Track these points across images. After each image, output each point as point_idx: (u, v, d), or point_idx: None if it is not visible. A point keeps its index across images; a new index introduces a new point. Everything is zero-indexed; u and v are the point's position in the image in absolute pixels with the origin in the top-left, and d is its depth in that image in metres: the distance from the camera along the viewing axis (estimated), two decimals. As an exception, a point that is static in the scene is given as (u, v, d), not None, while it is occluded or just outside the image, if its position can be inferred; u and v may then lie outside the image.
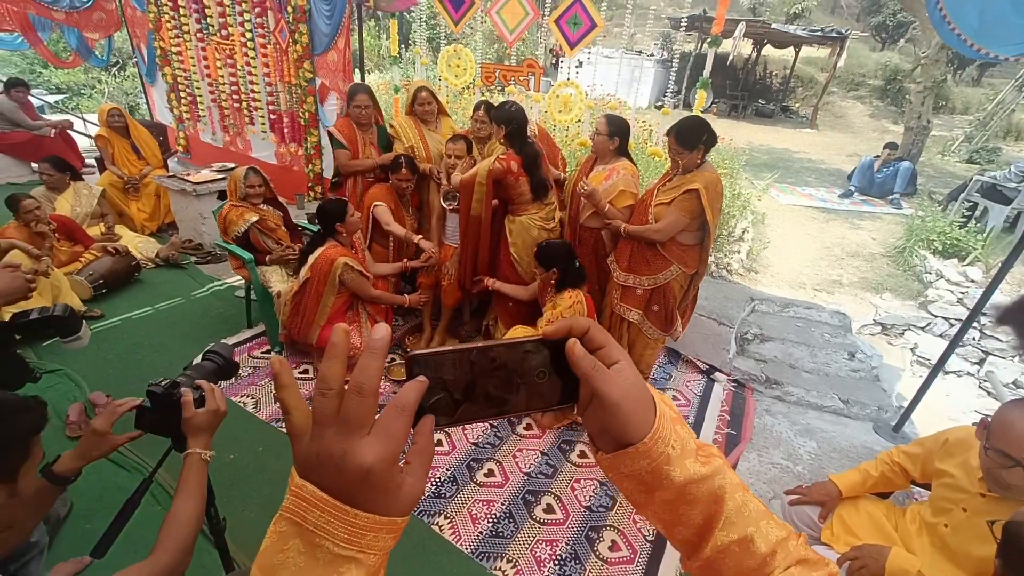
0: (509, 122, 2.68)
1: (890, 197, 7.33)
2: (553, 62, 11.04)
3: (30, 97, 5.58)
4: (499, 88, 4.25)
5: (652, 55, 15.20)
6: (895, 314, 4.33)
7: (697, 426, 2.86)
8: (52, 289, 3.05)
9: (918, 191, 7.45)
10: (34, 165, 5.53)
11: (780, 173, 8.06)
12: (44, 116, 6.05)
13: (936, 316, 4.31)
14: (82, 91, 11.02)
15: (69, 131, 5.71)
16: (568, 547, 2.05)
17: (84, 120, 7.09)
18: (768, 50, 16.33)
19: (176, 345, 3.07)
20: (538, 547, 2.04)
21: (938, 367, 2.80)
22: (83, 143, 6.27)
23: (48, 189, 3.82)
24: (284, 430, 1.76)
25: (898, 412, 3.00)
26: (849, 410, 3.12)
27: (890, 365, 3.77)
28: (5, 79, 5.63)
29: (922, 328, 4.23)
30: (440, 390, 0.37)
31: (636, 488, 0.42)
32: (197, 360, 1.24)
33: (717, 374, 3.27)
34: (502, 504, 2.22)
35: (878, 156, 7.59)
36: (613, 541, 2.10)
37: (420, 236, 3.16)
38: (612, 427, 0.40)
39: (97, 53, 6.21)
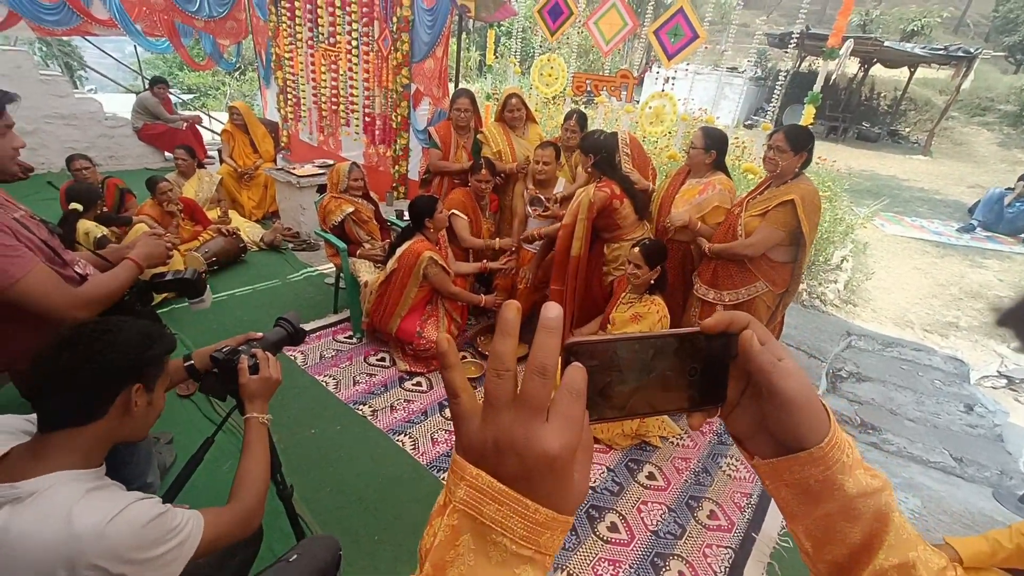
0: (598, 151, 2.62)
1: (1023, 235, 6.47)
2: (640, 77, 10.90)
3: (168, 94, 6.34)
4: (588, 98, 4.24)
5: (744, 72, 14.59)
6: (1025, 367, 3.79)
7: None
8: (173, 263, 3.41)
9: (1059, 230, 6.53)
10: (167, 153, 6.27)
11: (887, 201, 7.37)
12: (179, 112, 6.83)
13: (1078, 374, 3.72)
14: (208, 92, 12.38)
15: (197, 125, 6.41)
16: (632, 570, 1.95)
17: (210, 117, 7.94)
18: (877, 69, 15.10)
19: (269, 322, 3.31)
20: (600, 565, 1.96)
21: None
22: (207, 137, 7.01)
23: (179, 174, 4.30)
24: (361, 412, 1.85)
25: (1027, 479, 2.61)
26: (963, 470, 2.75)
27: (1017, 424, 3.29)
28: (150, 77, 6.44)
29: (1061, 386, 3.66)
30: (593, 382, 0.34)
31: (797, 498, 0.38)
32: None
33: (805, 410, 3.01)
34: (565, 515, 2.16)
35: (1011, 189, 6.74)
36: (680, 572, 1.97)
37: (498, 239, 3.21)
38: (783, 428, 0.37)
39: (226, 58, 6.94)
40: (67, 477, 0.86)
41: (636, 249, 2.37)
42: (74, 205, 3.00)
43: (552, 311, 0.31)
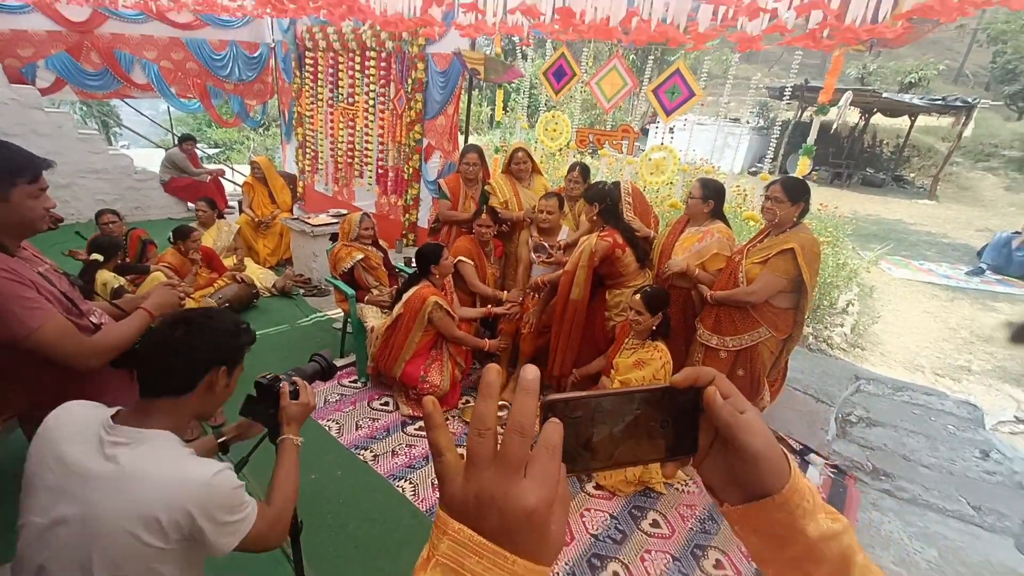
0: (603, 200, 2.76)
1: (1033, 278, 6.42)
2: (643, 128, 11.32)
3: (195, 149, 6.75)
4: (591, 151, 4.44)
5: (747, 122, 15.05)
6: (1044, 413, 3.68)
7: (788, 512, 2.57)
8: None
9: (1070, 274, 6.47)
10: (190, 204, 6.59)
11: (892, 245, 7.41)
12: (204, 166, 7.23)
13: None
14: (233, 146, 13.09)
15: (221, 177, 6.77)
16: (635, 623, 1.90)
17: (233, 169, 8.37)
18: (878, 118, 15.50)
19: (278, 365, 3.33)
20: (602, 617, 1.91)
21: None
22: (228, 188, 7.38)
23: (199, 224, 4.53)
24: (362, 457, 1.90)
25: (1050, 531, 2.50)
26: (982, 519, 2.65)
27: (1038, 473, 3.17)
28: (180, 135, 6.88)
29: (1082, 433, 3.54)
30: (568, 435, 0.35)
31: (765, 544, 0.41)
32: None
33: (812, 456, 2.96)
34: (566, 564, 2.12)
35: (1018, 232, 6.75)
36: (686, 626, 1.91)
37: (506, 292, 3.32)
38: (748, 477, 0.39)
39: (252, 116, 7.41)
40: (173, 436, 1.02)
41: (637, 296, 2.44)
42: (95, 256, 3.16)
43: (529, 373, 0.34)
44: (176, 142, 6.69)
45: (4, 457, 2.08)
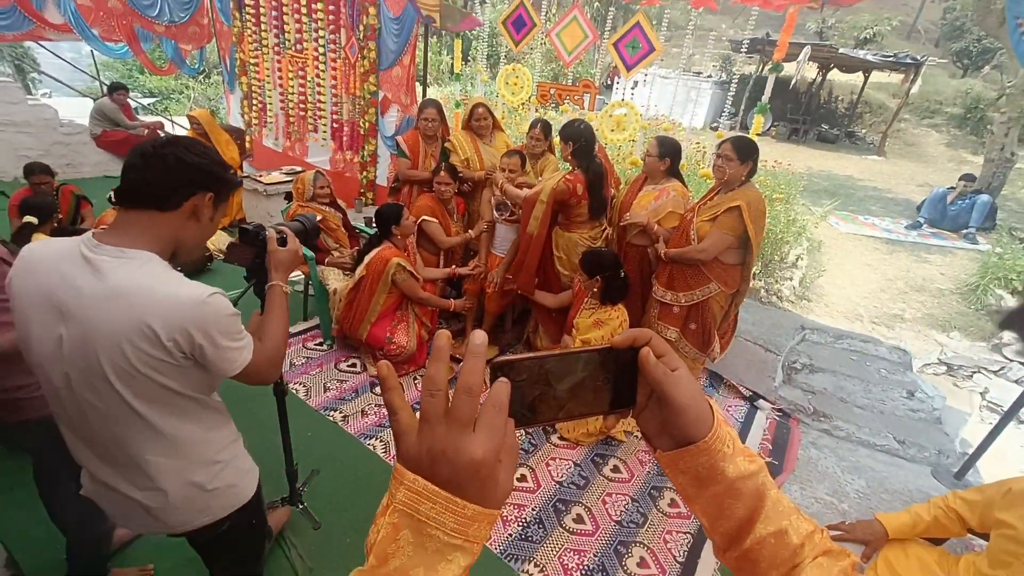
0: (578, 139, 2.72)
1: (964, 231, 6.88)
2: (607, 83, 11.12)
3: (128, 100, 6.19)
4: (554, 106, 4.35)
5: (710, 76, 15.01)
6: (964, 355, 4.06)
7: (737, 453, 2.78)
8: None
9: (997, 226, 6.95)
10: (127, 161, 6.12)
11: (841, 200, 7.73)
12: (139, 117, 6.67)
13: (1012, 360, 4.00)
14: (172, 95, 12.06)
15: (159, 131, 6.28)
16: (596, 559, 2.05)
17: (172, 122, 7.76)
18: (835, 74, 15.77)
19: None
20: (566, 555, 2.05)
21: (1011, 414, 2.61)
22: (169, 143, 6.87)
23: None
24: (332, 419, 1.94)
25: (961, 458, 2.81)
26: (905, 451, 2.95)
27: (955, 408, 3.53)
28: (109, 83, 6.27)
29: (995, 372, 3.93)
30: (517, 393, 0.39)
31: (690, 483, 0.46)
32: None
33: (761, 401, 3.18)
34: (532, 509, 2.25)
35: (953, 188, 7.16)
36: (642, 558, 2.08)
37: (471, 230, 3.29)
38: (676, 427, 0.44)
39: (189, 63, 6.81)
40: (160, 259, 0.98)
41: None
42: (28, 218, 2.92)
43: (477, 338, 0.37)
44: (105, 91, 6.11)
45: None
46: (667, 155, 2.69)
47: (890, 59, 12.71)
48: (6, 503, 1.97)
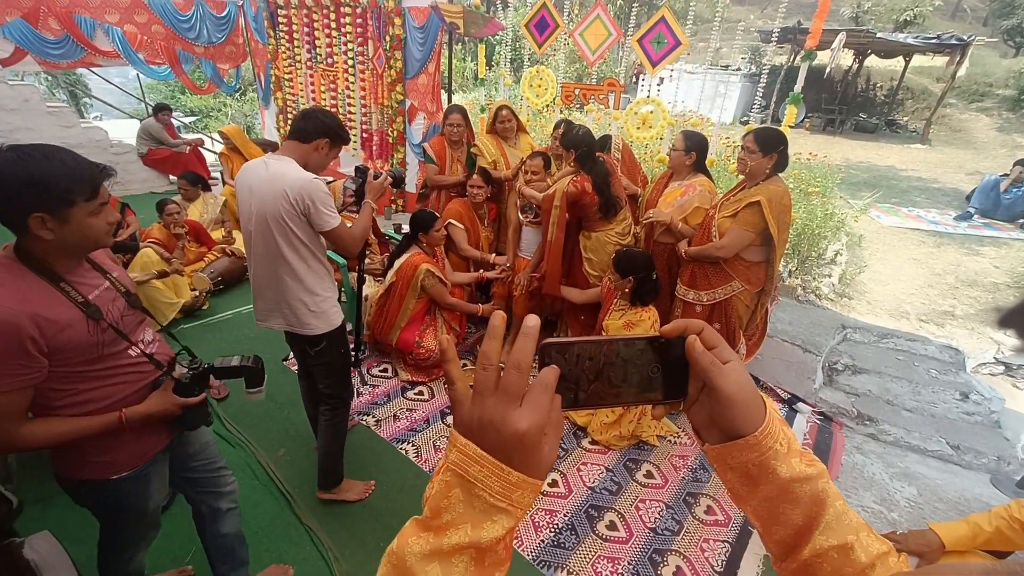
0: (578, 146, 2.73)
1: (1020, 221, 6.46)
2: (632, 80, 10.99)
3: (171, 119, 6.50)
4: (578, 106, 4.32)
5: (739, 69, 14.63)
6: None
7: (776, 457, 2.69)
8: (174, 286, 3.52)
9: (1057, 214, 6.51)
10: (172, 177, 6.42)
11: (883, 192, 7.41)
12: (181, 135, 6.99)
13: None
14: (211, 113, 12.61)
15: (200, 148, 6.56)
16: (631, 567, 2.01)
17: (212, 139, 8.11)
18: (872, 60, 15.11)
19: (274, 336, 3.40)
20: (600, 563, 2.02)
21: (1076, 416, 2.43)
22: (210, 158, 7.18)
23: (183, 199, 4.43)
24: (365, 423, 2.08)
25: None
26: (960, 457, 2.78)
27: (1015, 411, 3.31)
28: (154, 104, 6.61)
29: (1059, 371, 3.67)
30: (566, 376, 0.41)
31: (740, 481, 0.44)
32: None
33: (800, 404, 3.06)
34: (564, 515, 2.23)
35: (1006, 175, 6.74)
36: (678, 567, 2.03)
37: (494, 255, 3.30)
38: (724, 419, 0.43)
39: (226, 81, 7.11)
40: (296, 163, 1.73)
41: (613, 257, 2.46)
42: None
43: (530, 321, 0.40)
44: (150, 112, 6.44)
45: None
46: (693, 149, 2.64)
47: (933, 41, 12.08)
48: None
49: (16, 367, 1.06)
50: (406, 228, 4.70)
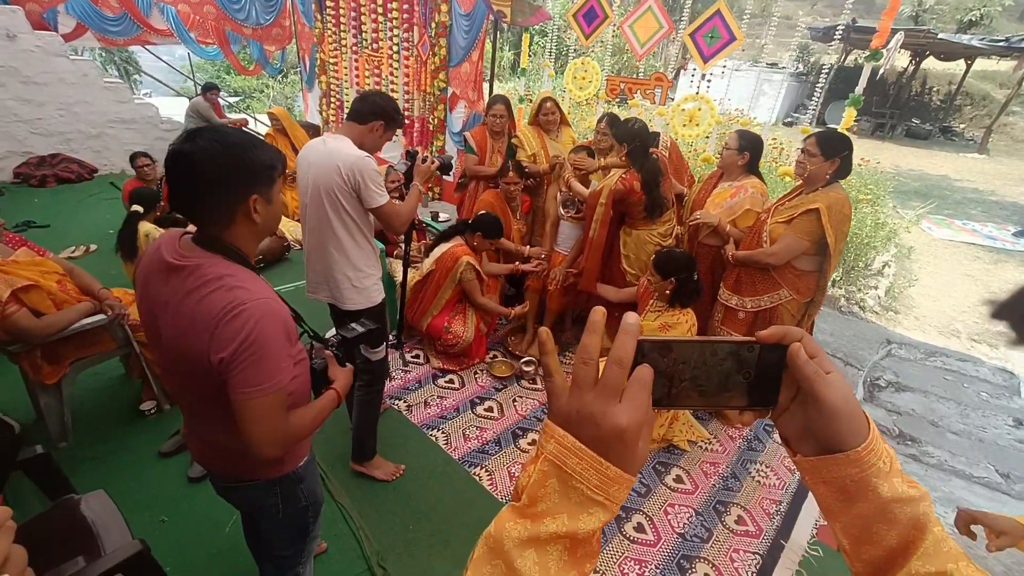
0: (632, 140, 2.65)
1: (1086, 240, 6.09)
2: (673, 75, 10.72)
3: (218, 99, 6.67)
4: (621, 100, 4.24)
5: (785, 67, 14.13)
6: (1084, 381, 3.59)
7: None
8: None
9: None
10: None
11: (936, 203, 7.05)
12: (227, 115, 7.17)
13: None
14: (253, 94, 12.89)
15: (244, 127, 6.72)
16: (658, 571, 1.99)
17: (255, 119, 8.29)
18: (930, 62, 14.36)
19: (311, 317, 3.48)
20: (626, 564, 2.01)
21: None
22: (252, 139, 7.35)
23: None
24: (397, 407, 2.13)
25: (1080, 499, 2.49)
26: (1010, 487, 2.65)
27: (1071, 441, 3.13)
28: (202, 83, 6.79)
29: (1122, 402, 3.45)
30: (658, 372, 0.41)
31: (834, 496, 0.42)
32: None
33: (840, 419, 2.96)
34: (592, 514, 2.21)
35: (1073, 190, 6.33)
36: (707, 575, 2.00)
37: (529, 247, 3.28)
38: (826, 432, 0.41)
39: (272, 63, 7.24)
40: (350, 141, 1.81)
41: (653, 257, 2.40)
42: (135, 207, 3.22)
43: (631, 318, 0.40)
44: (198, 90, 6.62)
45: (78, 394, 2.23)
46: (747, 149, 2.55)
47: (1000, 43, 11.38)
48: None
49: (289, 357, 1.02)
50: (443, 216, 4.76)
